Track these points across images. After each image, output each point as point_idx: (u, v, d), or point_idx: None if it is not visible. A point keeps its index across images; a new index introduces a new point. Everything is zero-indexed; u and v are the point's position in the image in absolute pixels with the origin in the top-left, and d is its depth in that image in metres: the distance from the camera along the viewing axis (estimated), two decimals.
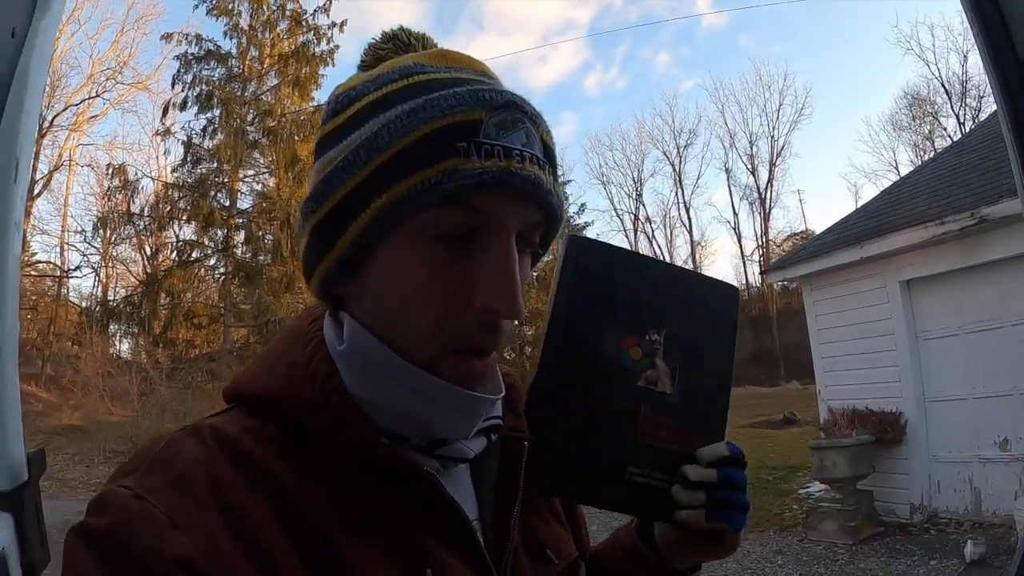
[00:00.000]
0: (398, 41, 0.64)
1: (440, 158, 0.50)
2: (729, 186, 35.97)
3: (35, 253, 23.00)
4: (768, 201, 33.40)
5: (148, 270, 22.56)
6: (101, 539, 0.45)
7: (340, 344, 0.57)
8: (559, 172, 0.60)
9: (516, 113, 0.54)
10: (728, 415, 0.72)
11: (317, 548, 0.49)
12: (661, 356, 0.68)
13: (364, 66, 0.64)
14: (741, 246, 35.49)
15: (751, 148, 34.45)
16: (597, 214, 39.58)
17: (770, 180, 33.44)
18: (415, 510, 0.55)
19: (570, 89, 55.45)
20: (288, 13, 21.14)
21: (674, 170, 36.16)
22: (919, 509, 6.51)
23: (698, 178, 40.50)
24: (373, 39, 0.65)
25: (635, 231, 36.74)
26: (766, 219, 33.35)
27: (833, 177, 57.57)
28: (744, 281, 34.10)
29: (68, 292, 23.99)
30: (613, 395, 0.66)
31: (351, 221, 0.53)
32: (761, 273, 19.32)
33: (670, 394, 0.68)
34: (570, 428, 0.64)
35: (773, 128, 34.26)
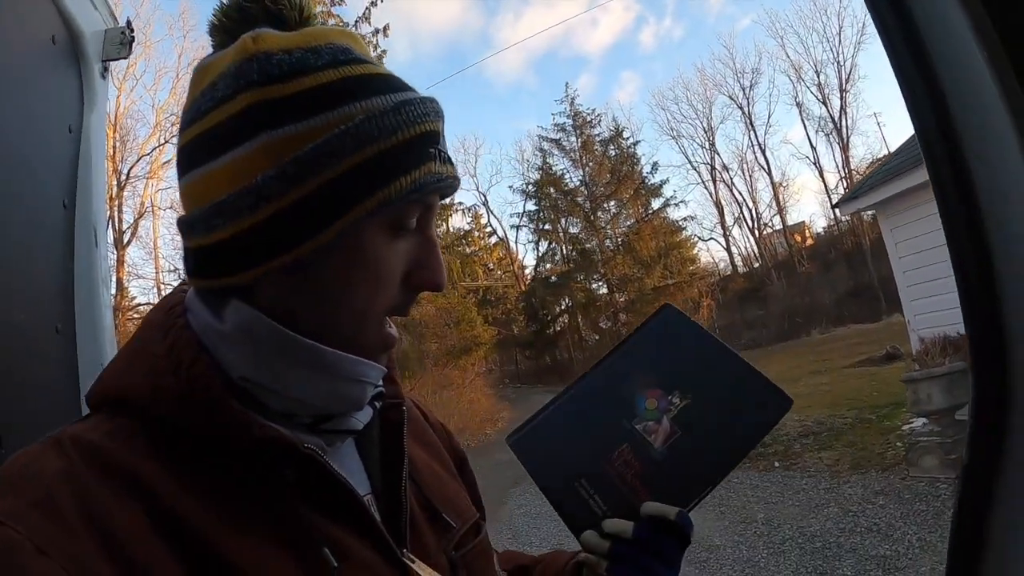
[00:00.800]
0: (275, 15, 0.58)
1: (423, 161, 0.55)
2: (803, 120, 34.02)
3: (135, 297, 24.67)
4: (844, 130, 31.43)
5: None
6: None
7: (220, 323, 0.55)
8: None
9: (443, 124, 0.59)
10: (699, 503, 0.75)
11: (200, 551, 0.46)
12: (671, 417, 0.76)
13: (243, 12, 0.58)
14: (824, 181, 33.61)
15: (818, 77, 32.40)
16: (672, 170, 38.70)
17: (843, 107, 31.38)
18: (302, 492, 0.53)
19: (626, 48, 53.90)
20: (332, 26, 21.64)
21: (743, 113, 34.49)
22: None
23: (769, 117, 39.09)
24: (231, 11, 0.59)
25: (713, 181, 35.36)
26: (845, 149, 31.43)
27: None
28: (833, 217, 32.52)
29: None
30: (612, 421, 0.76)
31: (344, 208, 0.52)
32: (834, 207, 18.26)
33: (656, 449, 0.74)
34: (562, 429, 0.79)
35: (837, 53, 32.32)
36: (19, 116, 1.01)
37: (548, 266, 31.87)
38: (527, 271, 35.30)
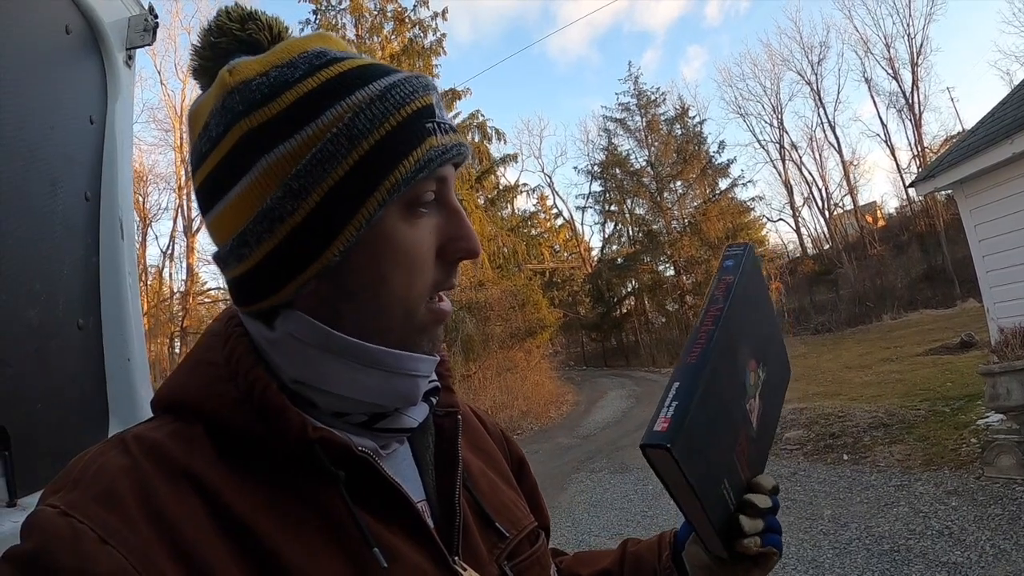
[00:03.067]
0: (257, 22, 0.61)
1: (422, 137, 0.55)
2: (872, 96, 32.92)
3: (205, 283, 26.05)
4: (917, 105, 29.93)
5: None
6: (28, 562, 0.43)
7: (270, 331, 0.56)
8: None
9: (436, 95, 0.59)
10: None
11: (255, 551, 0.48)
12: (759, 392, 0.71)
13: (216, 49, 0.60)
14: (896, 159, 32.49)
15: (888, 51, 30.95)
16: (739, 149, 37.68)
17: (915, 82, 29.90)
18: (355, 493, 0.54)
19: (691, 21, 52.68)
20: (390, 15, 21.87)
21: (812, 89, 33.35)
22: None
23: (838, 94, 37.70)
24: (220, 21, 0.61)
25: (782, 160, 34.55)
26: (918, 125, 29.93)
27: (983, 67, 50.33)
28: (905, 197, 31.12)
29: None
30: (735, 406, 0.67)
31: (357, 205, 0.53)
32: (908, 187, 17.41)
33: (754, 428, 0.70)
34: (709, 421, 0.61)
35: (907, 25, 30.51)
36: (34, 108, 0.99)
37: (614, 248, 31.74)
38: (593, 253, 35.28)
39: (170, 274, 25.83)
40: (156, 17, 1.28)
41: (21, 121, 0.95)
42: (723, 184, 27.78)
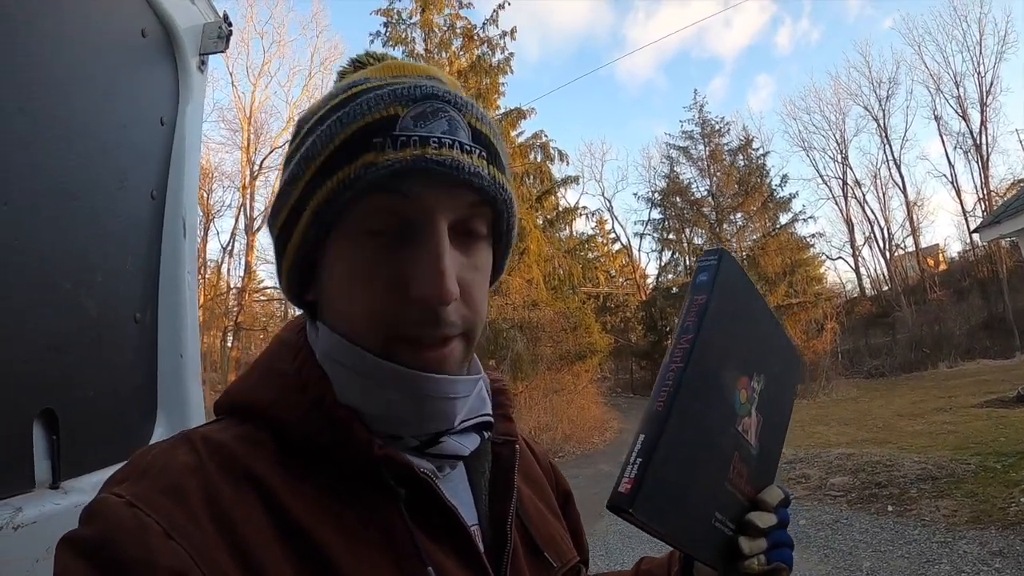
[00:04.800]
0: (358, 63, 0.66)
1: (358, 155, 0.52)
2: (941, 135, 31.70)
3: (262, 280, 26.72)
4: (984, 147, 28.88)
5: None
6: (92, 548, 0.43)
7: (319, 352, 0.59)
8: (502, 154, 0.60)
9: (436, 103, 0.55)
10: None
11: (311, 556, 0.49)
12: (755, 406, 0.67)
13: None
14: (961, 201, 31.05)
15: (957, 89, 30.03)
16: (801, 183, 36.98)
17: (983, 123, 28.88)
18: (411, 514, 0.54)
19: (761, 50, 52.37)
20: (459, 31, 22.21)
21: (879, 125, 32.53)
22: None
23: (906, 131, 36.42)
24: (343, 65, 0.69)
25: (845, 197, 33.70)
26: (984, 167, 28.82)
27: None
28: (968, 241, 30.06)
29: (294, 312, 27.39)
30: (720, 440, 0.63)
31: (294, 227, 0.56)
32: (973, 232, 16.83)
33: (752, 445, 0.66)
34: (682, 471, 0.58)
35: (978, 63, 29.64)
36: (108, 106, 1.03)
37: (670, 276, 31.34)
38: (648, 280, 34.85)
39: (228, 269, 26.47)
40: (231, 25, 1.33)
41: (95, 118, 0.99)
42: (784, 218, 27.17)
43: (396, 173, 0.52)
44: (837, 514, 7.26)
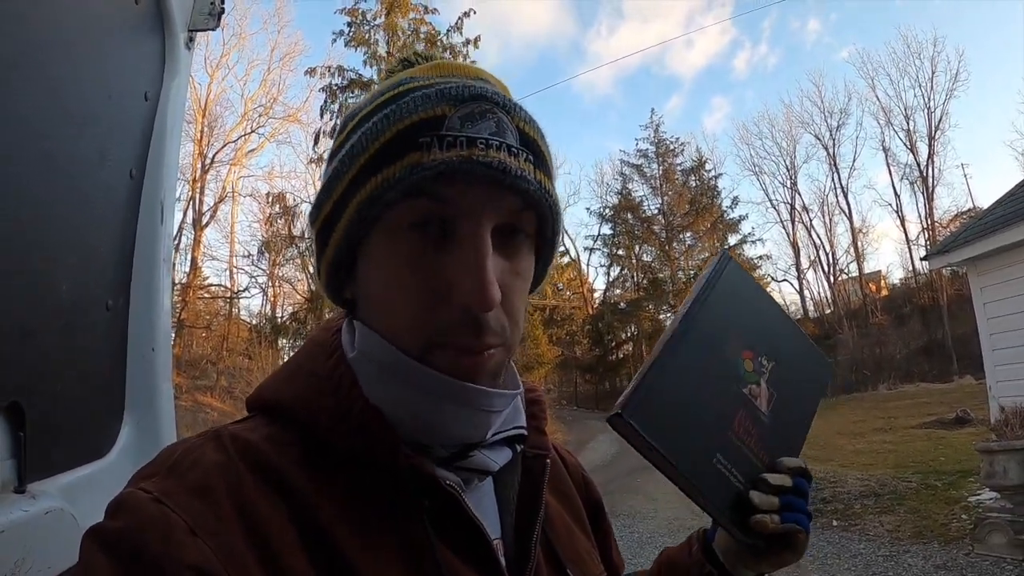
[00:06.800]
0: (406, 62, 0.67)
1: (404, 154, 0.52)
2: (888, 166, 33.13)
3: (207, 277, 26.06)
4: (931, 179, 30.42)
5: (312, 288, 24.26)
6: (117, 542, 0.44)
7: (352, 351, 0.58)
8: (549, 158, 0.60)
9: (484, 104, 0.54)
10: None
11: (332, 561, 0.49)
12: (765, 380, 0.72)
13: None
14: (905, 230, 32.78)
15: (907, 123, 31.58)
16: (751, 207, 38.08)
17: (931, 156, 30.49)
18: (436, 526, 0.54)
19: (719, 72, 53.64)
20: (422, 36, 22.13)
21: (828, 154, 34.14)
22: None
23: (854, 160, 37.82)
24: (391, 65, 0.69)
25: (792, 221, 35.12)
26: (930, 199, 30.38)
27: (998, 146, 51.26)
28: (911, 268, 31.38)
29: (239, 311, 26.77)
30: (722, 389, 0.69)
31: (337, 223, 0.57)
32: (922, 259, 17.59)
33: (764, 413, 0.71)
34: (679, 394, 0.64)
35: (928, 99, 31.29)
36: (95, 75, 0.94)
37: (618, 292, 31.80)
38: (596, 295, 35.38)
39: (173, 264, 25.65)
40: (223, 2, 1.25)
41: (82, 86, 0.91)
42: (732, 239, 28.15)
43: (442, 174, 0.52)
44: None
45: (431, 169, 0.51)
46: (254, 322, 26.28)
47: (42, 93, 0.82)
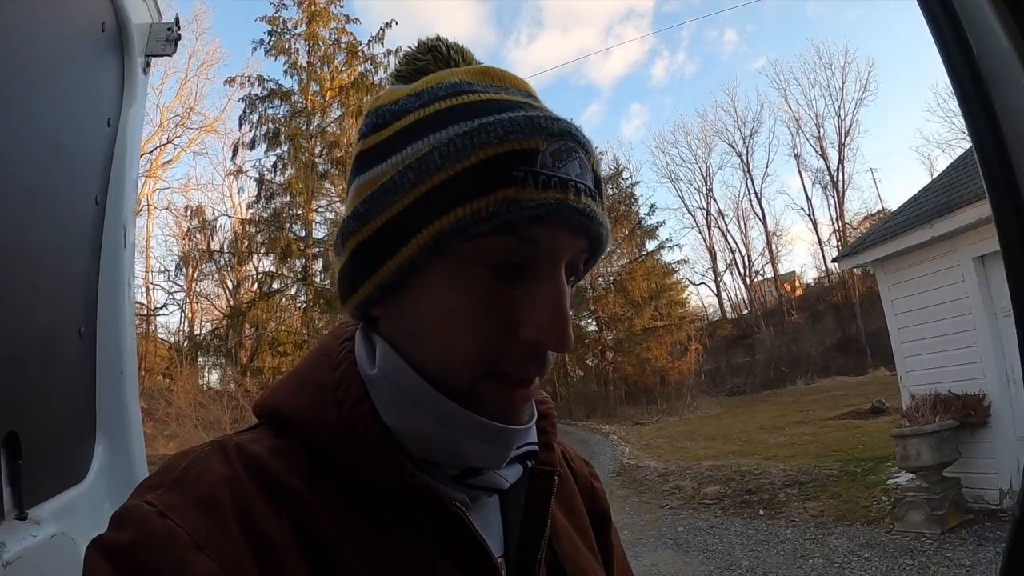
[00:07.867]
0: (437, 53, 0.62)
1: (497, 186, 0.49)
2: (800, 171, 35.08)
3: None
4: (841, 183, 32.26)
5: (232, 303, 23.61)
6: (121, 555, 0.43)
7: (371, 368, 0.56)
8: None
9: (571, 142, 0.52)
10: None
11: (334, 575, 0.48)
12: None
13: (401, 77, 0.63)
14: (818, 232, 34.46)
15: (818, 130, 33.44)
16: (668, 213, 39.13)
17: (841, 161, 32.32)
18: (440, 544, 0.53)
19: (638, 80, 54.66)
20: (343, 46, 21.87)
21: (742, 161, 35.49)
22: (1008, 494, 6.15)
23: (767, 166, 39.89)
24: (410, 48, 0.64)
25: (708, 226, 36.27)
26: (840, 202, 32.16)
27: (906, 152, 55.05)
28: (824, 268, 33.04)
29: (156, 329, 25.37)
30: None
31: (400, 245, 0.52)
32: (833, 260, 18.58)
33: None
34: None
35: (839, 107, 33.28)
36: (60, 104, 0.95)
37: None
38: None
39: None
40: (180, 29, 1.27)
41: (55, 113, 0.92)
42: (650, 245, 28.60)
43: (539, 216, 0.50)
44: (713, 520, 7.74)
45: (528, 210, 0.49)
46: (173, 340, 25.22)
47: (19, 122, 0.83)
